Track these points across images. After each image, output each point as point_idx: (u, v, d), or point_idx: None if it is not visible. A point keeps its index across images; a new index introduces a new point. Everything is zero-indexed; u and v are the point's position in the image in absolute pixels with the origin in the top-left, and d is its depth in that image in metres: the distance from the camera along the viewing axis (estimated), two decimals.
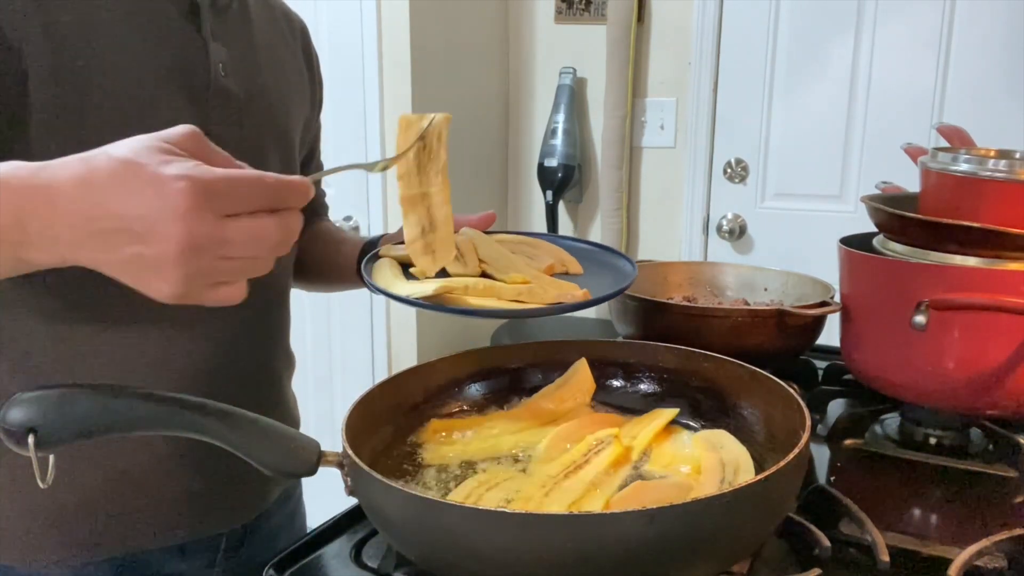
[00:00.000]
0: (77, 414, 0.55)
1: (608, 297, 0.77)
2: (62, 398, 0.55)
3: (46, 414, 0.54)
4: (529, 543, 0.54)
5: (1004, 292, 0.81)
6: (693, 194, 2.31)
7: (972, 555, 0.66)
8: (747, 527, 0.60)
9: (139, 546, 0.80)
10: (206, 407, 0.60)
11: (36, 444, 0.53)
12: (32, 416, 0.53)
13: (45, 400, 0.54)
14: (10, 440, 0.53)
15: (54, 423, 0.54)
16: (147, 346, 0.77)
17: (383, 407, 0.78)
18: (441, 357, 0.85)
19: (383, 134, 2.15)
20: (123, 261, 0.51)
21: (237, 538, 0.89)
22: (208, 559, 0.86)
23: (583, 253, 0.88)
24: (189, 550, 0.84)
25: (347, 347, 2.31)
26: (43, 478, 0.54)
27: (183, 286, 0.51)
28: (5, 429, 0.53)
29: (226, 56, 0.79)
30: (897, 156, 1.09)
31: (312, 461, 0.63)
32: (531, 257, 0.84)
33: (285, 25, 0.93)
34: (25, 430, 0.53)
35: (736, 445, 0.74)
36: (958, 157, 0.90)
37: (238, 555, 0.89)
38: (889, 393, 0.94)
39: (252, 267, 0.53)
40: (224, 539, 0.87)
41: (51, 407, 0.54)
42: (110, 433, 0.57)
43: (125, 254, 0.50)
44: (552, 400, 0.85)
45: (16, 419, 0.53)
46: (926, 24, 2.00)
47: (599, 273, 0.84)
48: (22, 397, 0.54)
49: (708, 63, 2.23)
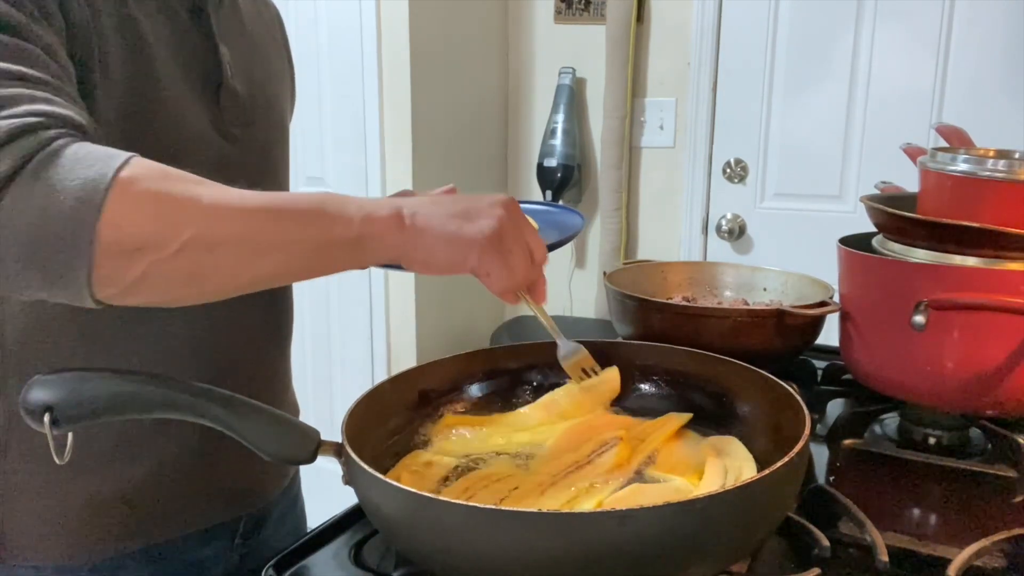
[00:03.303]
0: (90, 395, 0.58)
1: (549, 247, 0.84)
2: (76, 380, 0.59)
3: (61, 395, 0.58)
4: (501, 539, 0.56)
5: (1003, 292, 0.81)
6: (692, 194, 2.31)
7: (971, 555, 0.66)
8: (746, 527, 0.60)
9: (169, 535, 0.83)
10: (211, 393, 0.62)
11: (52, 423, 0.57)
12: (48, 396, 0.57)
13: (61, 382, 0.58)
14: (30, 418, 0.58)
15: (68, 403, 0.58)
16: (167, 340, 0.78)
17: (393, 400, 0.79)
18: (455, 354, 0.87)
19: (382, 134, 2.15)
20: (452, 212, 0.64)
21: (253, 522, 0.91)
22: (227, 544, 0.89)
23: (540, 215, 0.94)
24: (211, 535, 0.87)
25: (346, 347, 2.31)
26: (60, 455, 0.58)
27: (503, 225, 0.64)
28: (25, 408, 0.57)
29: (230, 56, 0.80)
30: (896, 156, 1.09)
31: (311, 449, 0.65)
32: None
33: (264, 11, 0.94)
34: (42, 409, 0.57)
35: (743, 451, 0.74)
36: (957, 157, 0.90)
37: (252, 539, 0.92)
38: (888, 393, 0.94)
39: (527, 260, 0.68)
40: (242, 524, 0.90)
41: (66, 388, 0.58)
42: (120, 415, 0.60)
43: (457, 208, 0.64)
44: (569, 400, 0.85)
45: (34, 399, 0.57)
46: (925, 24, 2.00)
47: (550, 233, 0.90)
48: (40, 379, 0.58)
49: (707, 63, 2.23)
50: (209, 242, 0.56)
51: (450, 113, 2.28)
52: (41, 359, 0.74)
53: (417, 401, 0.83)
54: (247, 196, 0.59)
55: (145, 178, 0.55)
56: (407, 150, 2.14)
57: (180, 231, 0.55)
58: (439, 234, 0.63)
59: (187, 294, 0.60)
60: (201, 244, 0.56)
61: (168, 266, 0.55)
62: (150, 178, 0.56)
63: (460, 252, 0.64)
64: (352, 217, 0.61)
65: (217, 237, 0.57)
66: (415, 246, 0.63)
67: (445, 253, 0.64)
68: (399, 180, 2.17)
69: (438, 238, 0.63)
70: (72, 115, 0.58)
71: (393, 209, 0.63)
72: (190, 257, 0.56)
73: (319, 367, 2.33)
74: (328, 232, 0.60)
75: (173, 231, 0.55)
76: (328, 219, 0.60)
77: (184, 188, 0.57)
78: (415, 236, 0.63)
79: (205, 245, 0.56)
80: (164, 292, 0.58)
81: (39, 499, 0.76)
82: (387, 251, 0.63)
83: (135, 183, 0.54)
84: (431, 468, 0.74)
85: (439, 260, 0.64)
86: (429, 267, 0.64)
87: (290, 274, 0.64)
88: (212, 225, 0.56)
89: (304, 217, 0.60)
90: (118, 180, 0.54)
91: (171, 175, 0.57)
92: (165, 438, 0.79)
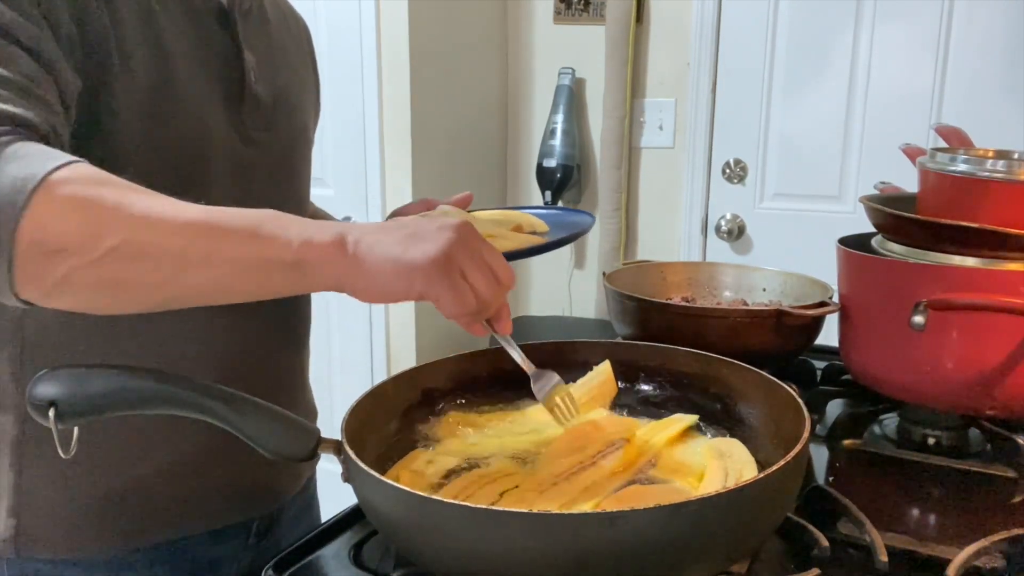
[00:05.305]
0: (93, 390, 0.59)
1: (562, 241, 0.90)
2: (80, 375, 0.60)
3: (65, 390, 0.59)
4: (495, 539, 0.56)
5: (1002, 292, 0.81)
6: (692, 194, 2.31)
7: (971, 555, 0.66)
8: (746, 527, 0.60)
9: (182, 533, 0.83)
10: (212, 389, 0.63)
11: (56, 417, 0.58)
12: (53, 391, 0.58)
13: (65, 377, 0.59)
14: (36, 413, 0.59)
15: (72, 398, 0.59)
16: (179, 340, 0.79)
17: (395, 400, 0.80)
18: (458, 354, 0.87)
19: (382, 134, 2.15)
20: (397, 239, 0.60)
21: (266, 523, 0.92)
22: (240, 543, 0.90)
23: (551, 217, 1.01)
24: (225, 535, 0.87)
25: (346, 347, 2.31)
26: (65, 449, 0.59)
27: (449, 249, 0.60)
28: (31, 402, 0.58)
29: (255, 62, 0.81)
30: (896, 156, 1.09)
31: (311, 446, 0.66)
32: (501, 221, 0.96)
33: (293, 22, 0.95)
34: (47, 403, 0.58)
35: (744, 454, 0.74)
36: (956, 157, 0.90)
37: (266, 539, 0.92)
38: (887, 393, 0.94)
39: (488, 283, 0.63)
40: (255, 524, 0.90)
41: (70, 383, 0.59)
42: (124, 410, 0.60)
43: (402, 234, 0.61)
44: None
45: (39, 393, 0.58)
46: (925, 25, 2.01)
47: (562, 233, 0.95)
48: (45, 374, 0.59)
49: (707, 63, 2.23)
50: (134, 251, 0.56)
51: (449, 114, 2.28)
52: (59, 355, 0.75)
53: (419, 400, 0.83)
54: (183, 208, 0.58)
55: (77, 181, 0.55)
56: (406, 150, 2.14)
57: (105, 237, 0.55)
58: (382, 260, 0.59)
59: (111, 303, 0.59)
60: (126, 252, 0.55)
61: (91, 272, 0.55)
62: (83, 182, 0.55)
63: (404, 277, 0.60)
64: (290, 240, 0.58)
65: (143, 247, 0.56)
66: (357, 273, 0.60)
67: (388, 279, 0.60)
68: (399, 180, 2.17)
69: (381, 264, 0.59)
70: (29, 116, 0.58)
71: (336, 235, 0.60)
72: (113, 264, 0.55)
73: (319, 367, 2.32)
74: (262, 252, 0.58)
75: (97, 237, 0.55)
76: (263, 240, 0.58)
77: (117, 195, 0.56)
78: (356, 263, 0.59)
79: (130, 254, 0.55)
80: (87, 298, 0.58)
81: (54, 493, 0.78)
82: (327, 278, 0.60)
83: (64, 185, 0.54)
84: (431, 467, 0.74)
85: (382, 287, 0.60)
86: (372, 295, 0.61)
87: (221, 292, 0.61)
88: (139, 234, 0.56)
89: (238, 235, 0.58)
90: (48, 181, 0.54)
91: (108, 181, 0.57)
92: (179, 436, 0.80)
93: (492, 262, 0.63)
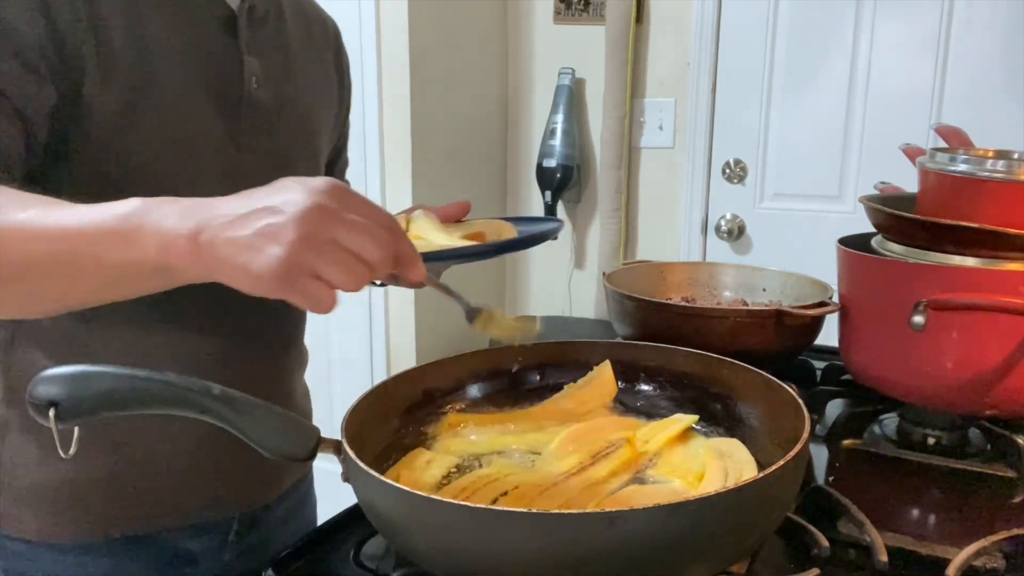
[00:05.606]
0: (93, 391, 0.60)
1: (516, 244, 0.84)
2: (80, 376, 0.60)
3: (65, 390, 0.59)
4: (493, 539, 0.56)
5: (1002, 292, 0.81)
6: (692, 194, 2.31)
7: (970, 555, 0.66)
8: (745, 527, 0.60)
9: (157, 526, 0.84)
10: (211, 390, 0.63)
11: (56, 417, 0.59)
12: (53, 391, 0.59)
13: (65, 377, 0.60)
14: (36, 413, 0.59)
15: (72, 398, 0.59)
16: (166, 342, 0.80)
17: (396, 399, 0.80)
18: (459, 354, 0.87)
19: (382, 135, 2.15)
20: (246, 238, 0.54)
21: (248, 521, 0.92)
22: (220, 540, 0.90)
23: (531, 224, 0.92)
24: (202, 531, 0.88)
25: (346, 347, 2.31)
26: (65, 450, 0.59)
27: (293, 255, 0.52)
28: (31, 403, 0.59)
29: (259, 68, 0.82)
30: (895, 156, 1.09)
31: (310, 446, 0.66)
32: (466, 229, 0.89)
33: (318, 29, 0.95)
34: (47, 404, 0.59)
35: (744, 454, 0.74)
36: (956, 157, 0.90)
37: (249, 537, 0.92)
38: (887, 393, 0.94)
39: (349, 272, 0.55)
40: (236, 521, 0.90)
41: (70, 384, 0.59)
42: (123, 410, 0.61)
43: (252, 230, 0.53)
44: (572, 400, 0.85)
45: (39, 394, 0.59)
46: (924, 24, 2.01)
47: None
48: (45, 374, 0.60)
49: (707, 63, 2.23)
50: (3, 263, 0.58)
51: (449, 113, 2.28)
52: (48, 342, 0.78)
53: (420, 400, 0.83)
54: (55, 216, 0.58)
55: None
56: (406, 150, 2.14)
57: None
58: (235, 267, 0.55)
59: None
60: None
61: None
62: None
63: (260, 288, 0.55)
64: (148, 246, 0.56)
65: (10, 258, 0.58)
66: (220, 274, 0.56)
67: (247, 284, 0.55)
68: (399, 180, 2.17)
69: (235, 270, 0.55)
70: None
71: (189, 233, 0.55)
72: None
73: (319, 367, 2.33)
74: (126, 257, 0.57)
75: None
76: (127, 244, 0.57)
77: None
78: (213, 265, 0.56)
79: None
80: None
81: (34, 474, 0.80)
82: (196, 276, 0.58)
83: None
84: (432, 467, 0.74)
85: (248, 288, 0.56)
86: (244, 290, 0.56)
87: (107, 294, 0.62)
88: (6, 246, 0.58)
89: (105, 241, 0.57)
90: None
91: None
92: (151, 430, 0.81)
93: (367, 214, 0.56)
